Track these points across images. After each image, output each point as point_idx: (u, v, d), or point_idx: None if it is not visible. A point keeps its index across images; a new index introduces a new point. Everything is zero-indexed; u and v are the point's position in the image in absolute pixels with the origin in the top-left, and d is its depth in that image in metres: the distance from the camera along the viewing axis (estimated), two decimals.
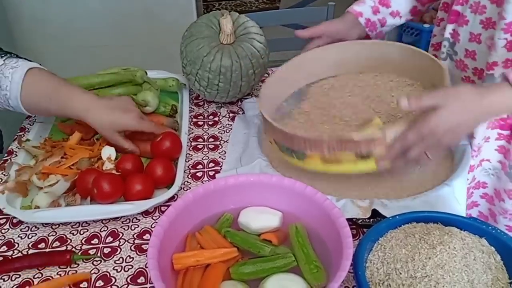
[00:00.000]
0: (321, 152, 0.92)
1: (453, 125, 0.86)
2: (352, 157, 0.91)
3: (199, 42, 1.23)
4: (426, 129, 0.86)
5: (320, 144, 0.91)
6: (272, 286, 0.76)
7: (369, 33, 1.24)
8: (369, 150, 0.89)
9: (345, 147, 0.89)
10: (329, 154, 0.91)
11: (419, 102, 0.86)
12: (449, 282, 0.73)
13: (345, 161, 0.92)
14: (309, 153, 0.93)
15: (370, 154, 0.90)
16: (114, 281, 0.88)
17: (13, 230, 0.98)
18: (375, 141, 0.88)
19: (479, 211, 1.23)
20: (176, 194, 1.03)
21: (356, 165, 0.92)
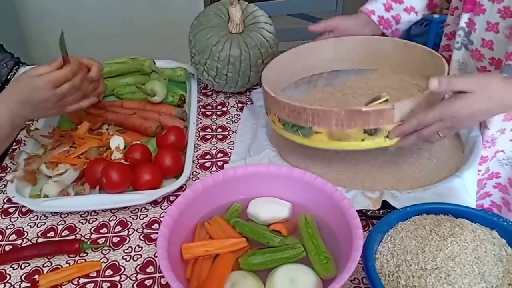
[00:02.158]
0: (329, 127, 0.91)
1: (474, 112, 0.86)
2: (360, 133, 0.90)
3: (207, 31, 1.22)
4: (448, 112, 0.85)
5: (329, 116, 0.90)
6: (281, 276, 0.76)
7: (383, 30, 1.23)
8: (378, 125, 0.89)
9: (354, 121, 0.89)
10: (337, 129, 0.91)
11: (450, 84, 0.86)
12: (460, 274, 0.72)
13: (352, 137, 0.91)
14: (316, 129, 0.93)
15: (378, 130, 0.90)
16: (123, 270, 0.88)
17: (22, 219, 0.99)
18: (383, 114, 0.88)
19: (491, 200, 1.22)
20: (185, 184, 1.03)
21: (364, 142, 0.91)
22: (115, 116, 1.20)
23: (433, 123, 0.87)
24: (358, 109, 0.88)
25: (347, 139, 0.92)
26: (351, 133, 0.91)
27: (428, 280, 0.73)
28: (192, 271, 0.79)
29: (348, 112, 0.88)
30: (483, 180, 1.18)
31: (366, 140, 0.91)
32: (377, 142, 0.91)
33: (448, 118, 0.86)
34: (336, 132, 0.91)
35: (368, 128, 0.89)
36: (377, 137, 0.90)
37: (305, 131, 0.94)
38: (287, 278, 0.76)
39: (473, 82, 0.85)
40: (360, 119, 0.89)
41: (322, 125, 0.91)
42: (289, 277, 0.76)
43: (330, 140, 0.93)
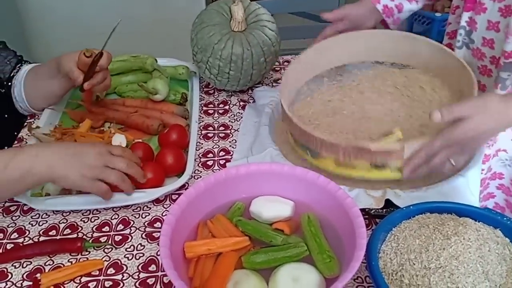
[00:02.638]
0: (336, 156, 0.92)
1: (479, 133, 0.86)
2: (366, 165, 0.91)
3: (210, 30, 1.22)
4: (453, 138, 0.86)
5: (336, 148, 0.91)
6: (284, 275, 0.76)
7: (386, 19, 1.22)
8: (385, 162, 0.89)
9: (360, 155, 0.89)
10: (343, 159, 0.91)
11: (451, 114, 0.85)
12: (464, 273, 0.72)
13: (359, 168, 0.92)
14: (323, 154, 0.93)
15: (386, 165, 0.90)
16: (125, 268, 0.88)
17: (24, 217, 0.98)
18: (392, 154, 0.88)
19: (495, 202, 1.22)
20: (187, 182, 1.03)
21: (370, 173, 0.92)
22: (116, 115, 1.20)
23: (441, 152, 0.87)
24: (365, 147, 0.88)
25: (353, 168, 0.92)
26: (357, 165, 0.91)
27: (431, 279, 0.72)
28: (194, 270, 0.79)
29: (356, 148, 0.89)
30: (486, 180, 1.18)
31: (372, 172, 0.92)
32: (384, 174, 0.92)
33: (455, 143, 0.86)
34: (343, 161, 0.92)
35: (375, 163, 0.90)
36: (384, 170, 0.91)
37: (314, 153, 0.96)
38: (290, 277, 0.75)
39: (472, 106, 0.86)
40: (368, 155, 0.89)
41: (330, 153, 0.92)
42: (292, 276, 0.75)
43: (336, 166, 0.94)
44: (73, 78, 1.07)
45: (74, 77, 1.07)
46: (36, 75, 1.18)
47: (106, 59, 1.09)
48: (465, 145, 0.88)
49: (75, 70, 1.07)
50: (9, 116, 1.22)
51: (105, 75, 1.12)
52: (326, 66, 1.19)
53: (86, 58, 1.06)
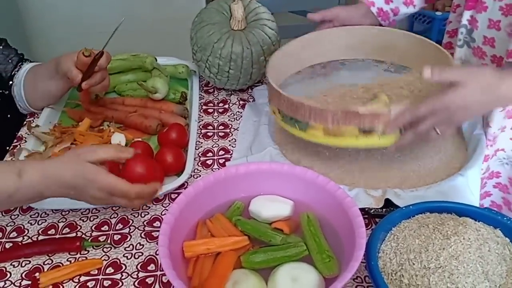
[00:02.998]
0: (325, 124, 0.91)
1: (467, 103, 0.85)
2: (355, 131, 0.90)
3: (209, 28, 1.22)
4: (440, 103, 0.85)
5: (325, 114, 0.90)
6: (284, 275, 0.76)
7: (381, 22, 1.23)
8: (372, 126, 0.89)
9: (349, 120, 0.89)
10: (332, 126, 0.91)
11: (442, 74, 0.85)
12: (463, 273, 0.72)
13: (347, 135, 0.91)
14: (312, 124, 0.93)
15: (373, 130, 0.89)
16: (124, 268, 0.87)
17: (23, 216, 0.98)
18: (379, 116, 0.88)
19: (491, 200, 1.22)
20: (186, 181, 1.03)
21: (358, 140, 0.91)
22: (115, 114, 1.20)
23: (427, 117, 0.86)
24: (354, 111, 0.88)
25: (341, 136, 0.92)
26: (346, 131, 0.91)
27: (431, 279, 0.72)
28: (193, 269, 0.78)
29: (345, 112, 0.89)
30: (483, 179, 1.18)
31: (360, 138, 0.91)
32: (371, 140, 0.91)
33: (441, 109, 0.85)
34: (332, 129, 0.92)
35: (363, 128, 0.90)
36: (372, 136, 0.91)
37: (302, 125, 0.95)
38: (289, 276, 0.75)
39: (466, 73, 0.85)
40: (356, 120, 0.89)
41: (319, 121, 0.92)
42: (291, 275, 0.75)
43: (325, 136, 0.93)
44: (71, 77, 1.07)
45: (72, 76, 1.07)
46: (36, 75, 1.18)
47: (105, 59, 1.09)
48: (452, 114, 0.86)
49: (73, 69, 1.07)
50: (11, 116, 1.22)
51: (103, 75, 1.12)
52: (308, 62, 1.21)
53: (85, 58, 1.06)
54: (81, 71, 1.07)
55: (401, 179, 0.97)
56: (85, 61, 1.06)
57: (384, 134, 0.90)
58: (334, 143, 0.94)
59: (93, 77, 1.09)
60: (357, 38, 1.19)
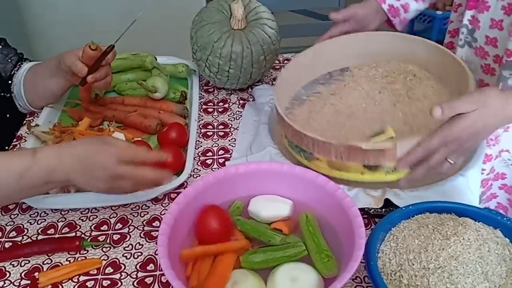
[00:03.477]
0: (329, 157, 0.90)
1: (478, 130, 0.85)
2: (359, 167, 0.89)
3: (209, 27, 1.21)
4: (451, 135, 0.84)
5: (328, 148, 0.89)
6: (283, 275, 0.76)
7: (391, 19, 1.22)
8: (378, 162, 0.87)
9: (353, 156, 0.87)
10: (336, 160, 0.90)
11: (452, 109, 0.84)
12: (463, 274, 0.72)
13: (352, 170, 0.90)
14: (317, 155, 0.92)
15: (379, 166, 0.88)
16: (123, 268, 0.87)
17: (22, 215, 0.98)
18: (384, 153, 0.86)
19: (497, 202, 1.21)
20: (186, 181, 1.03)
21: (364, 175, 0.90)
22: (115, 113, 1.20)
23: (439, 150, 0.85)
24: (357, 146, 0.86)
25: (347, 171, 0.91)
26: (350, 166, 0.89)
27: (430, 279, 0.72)
28: (192, 269, 0.78)
29: (347, 147, 0.87)
30: (489, 181, 1.17)
31: (365, 174, 0.90)
32: (378, 176, 0.90)
33: (453, 140, 0.84)
34: (336, 163, 0.90)
35: (368, 164, 0.88)
36: (378, 172, 0.89)
37: (307, 155, 0.94)
38: (288, 277, 0.75)
39: (473, 102, 0.84)
40: (360, 155, 0.87)
41: (322, 154, 0.91)
42: (290, 275, 0.75)
43: (330, 168, 0.92)
44: (76, 70, 1.06)
45: (77, 69, 1.06)
46: (36, 73, 1.18)
47: (112, 54, 1.09)
48: (463, 143, 0.86)
49: (78, 63, 1.06)
50: (11, 115, 1.22)
51: (107, 71, 1.11)
52: (324, 70, 1.18)
53: (91, 51, 1.06)
54: (86, 65, 1.07)
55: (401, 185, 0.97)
56: (91, 55, 1.06)
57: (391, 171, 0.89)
58: (340, 176, 0.92)
59: (98, 72, 1.09)
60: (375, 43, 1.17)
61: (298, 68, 1.12)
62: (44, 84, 1.17)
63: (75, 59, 1.07)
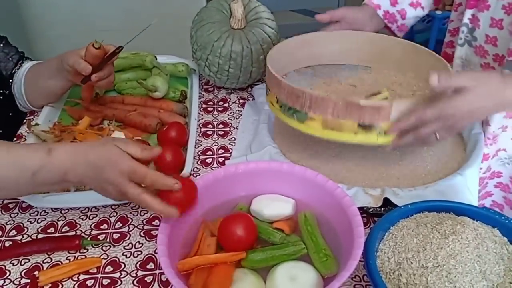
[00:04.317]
0: (324, 115, 0.90)
1: (473, 109, 0.85)
2: (354, 126, 0.89)
3: (209, 27, 1.22)
4: (446, 109, 0.84)
5: (326, 104, 0.89)
6: (282, 273, 0.76)
7: (389, 25, 1.22)
8: (372, 121, 0.88)
9: (349, 112, 0.88)
10: (332, 118, 0.90)
11: (449, 81, 0.84)
12: (461, 273, 0.72)
13: (346, 129, 0.90)
14: (311, 115, 0.92)
15: (372, 126, 0.89)
16: (123, 266, 0.87)
17: (22, 214, 0.98)
18: (380, 111, 0.87)
19: (492, 200, 1.22)
20: None
21: (356, 136, 0.91)
22: (115, 113, 1.20)
23: (432, 122, 0.86)
24: (356, 102, 0.87)
25: (340, 130, 0.91)
26: (345, 125, 0.90)
27: (429, 278, 0.72)
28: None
29: (346, 103, 0.88)
30: (485, 179, 1.18)
31: (359, 134, 0.90)
32: (370, 138, 0.90)
33: (447, 115, 0.85)
34: (331, 121, 0.90)
35: (363, 123, 0.89)
36: (371, 133, 0.90)
37: (301, 116, 0.94)
38: (287, 275, 0.75)
39: (473, 78, 0.85)
40: (356, 112, 0.88)
41: (318, 111, 0.91)
42: (289, 274, 0.76)
43: (323, 129, 0.92)
44: (80, 68, 1.06)
45: (81, 68, 1.06)
46: (37, 73, 1.18)
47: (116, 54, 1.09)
48: (456, 120, 0.86)
49: (81, 61, 1.06)
50: (11, 114, 1.23)
51: (110, 70, 1.12)
52: (304, 63, 1.20)
53: (95, 50, 1.06)
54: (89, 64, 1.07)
55: (400, 178, 0.97)
56: (95, 54, 1.06)
57: (383, 133, 0.90)
58: (332, 137, 0.92)
59: (102, 71, 1.09)
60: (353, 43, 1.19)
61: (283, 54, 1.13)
62: (44, 84, 1.17)
63: (78, 58, 1.07)
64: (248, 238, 0.80)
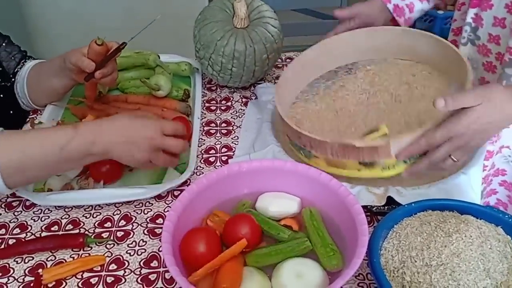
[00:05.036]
0: (325, 154, 0.91)
1: (484, 126, 0.84)
2: (355, 163, 0.89)
3: (212, 26, 1.22)
4: (456, 129, 0.83)
5: (324, 146, 0.90)
6: (289, 269, 0.76)
7: (396, 18, 1.22)
8: (373, 159, 0.88)
9: (347, 154, 0.88)
10: (333, 158, 0.90)
11: (455, 102, 0.83)
12: (465, 271, 0.72)
13: (349, 167, 0.90)
14: (314, 153, 0.93)
15: (374, 163, 0.88)
16: (127, 264, 0.88)
17: (26, 212, 0.98)
18: (378, 150, 0.87)
19: (497, 198, 1.22)
20: (189, 179, 1.03)
21: (360, 172, 0.90)
22: (118, 111, 1.20)
23: (442, 145, 0.85)
24: (351, 144, 0.86)
25: (343, 167, 0.91)
26: (347, 163, 0.90)
27: (433, 276, 0.72)
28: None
29: (342, 145, 0.88)
30: (489, 177, 1.18)
31: (362, 171, 0.90)
32: (374, 173, 0.90)
33: (458, 135, 0.84)
34: (333, 160, 0.91)
35: (364, 161, 0.88)
36: (374, 168, 0.89)
37: (306, 153, 0.95)
38: (294, 272, 0.75)
39: (477, 96, 0.84)
40: (354, 153, 0.87)
41: (319, 151, 0.91)
42: (296, 271, 0.75)
43: (327, 166, 0.93)
44: (83, 66, 1.06)
45: (84, 65, 1.06)
46: (39, 72, 1.18)
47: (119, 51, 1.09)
48: (468, 139, 0.85)
49: (84, 59, 1.06)
50: (14, 112, 1.23)
51: (114, 67, 1.11)
52: (330, 66, 1.19)
53: (97, 47, 1.06)
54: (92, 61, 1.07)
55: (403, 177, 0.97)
56: (98, 50, 1.06)
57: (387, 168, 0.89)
58: (338, 173, 0.92)
59: (105, 67, 1.09)
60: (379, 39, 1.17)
61: (303, 66, 1.13)
62: (47, 83, 1.17)
63: (81, 56, 1.07)
64: (253, 238, 0.81)
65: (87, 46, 1.08)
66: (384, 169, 0.89)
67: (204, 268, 0.75)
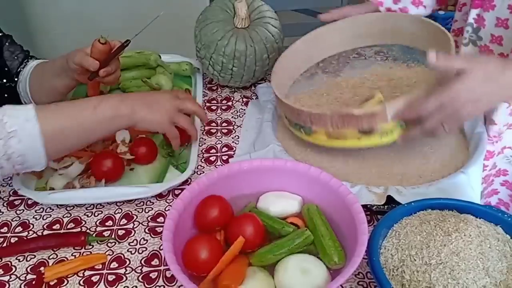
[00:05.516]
0: (326, 128, 0.94)
1: (475, 96, 0.84)
2: (355, 133, 0.92)
3: (213, 26, 1.22)
4: (447, 96, 0.84)
5: (324, 119, 0.93)
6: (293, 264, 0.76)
7: None
8: (371, 126, 0.90)
9: (347, 123, 0.91)
10: (333, 130, 0.93)
11: (447, 61, 0.83)
12: (464, 270, 0.72)
13: (349, 136, 0.93)
14: (315, 128, 0.96)
15: (373, 130, 0.91)
16: (128, 263, 0.88)
17: (28, 211, 0.99)
18: (375, 116, 0.89)
19: (498, 198, 1.22)
20: (190, 178, 1.03)
21: (360, 141, 0.93)
22: None
23: (434, 112, 0.86)
24: (349, 113, 0.90)
25: (344, 138, 0.94)
26: (347, 133, 0.93)
27: (432, 275, 0.73)
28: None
29: (341, 115, 0.91)
30: (490, 177, 1.18)
31: (362, 139, 0.93)
32: (374, 140, 0.93)
33: (448, 103, 0.84)
34: (333, 132, 0.94)
35: (363, 129, 0.91)
36: (373, 136, 0.92)
37: (306, 129, 0.98)
38: (298, 268, 0.76)
39: (471, 60, 0.83)
40: (353, 121, 0.91)
41: (319, 125, 0.95)
42: (300, 267, 0.76)
43: (328, 139, 0.96)
44: (88, 64, 1.06)
45: (88, 64, 1.06)
46: (42, 71, 1.18)
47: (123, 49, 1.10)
48: (459, 107, 0.84)
49: (88, 58, 1.06)
50: None
51: (117, 65, 1.12)
52: (319, 57, 1.23)
53: (101, 45, 1.06)
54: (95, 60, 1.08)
55: (403, 176, 0.98)
56: (101, 49, 1.07)
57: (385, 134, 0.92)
58: (338, 145, 0.96)
59: (109, 66, 1.09)
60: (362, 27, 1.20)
61: (292, 57, 1.16)
62: (49, 83, 1.17)
63: (84, 55, 1.07)
64: (257, 238, 0.81)
65: (90, 47, 1.08)
66: (382, 135, 0.92)
67: (211, 274, 0.76)
